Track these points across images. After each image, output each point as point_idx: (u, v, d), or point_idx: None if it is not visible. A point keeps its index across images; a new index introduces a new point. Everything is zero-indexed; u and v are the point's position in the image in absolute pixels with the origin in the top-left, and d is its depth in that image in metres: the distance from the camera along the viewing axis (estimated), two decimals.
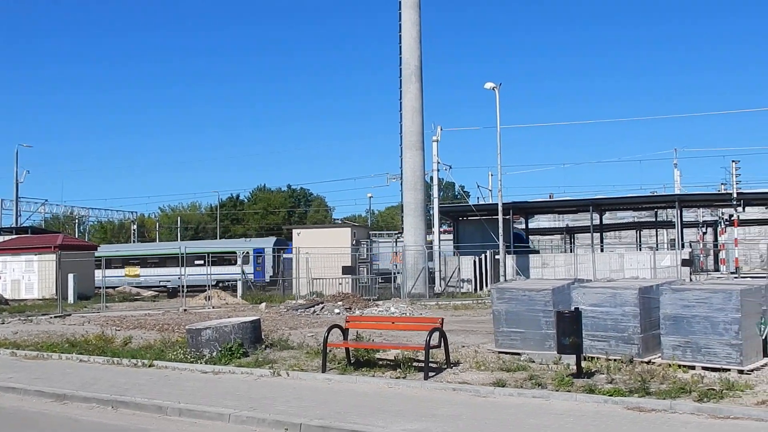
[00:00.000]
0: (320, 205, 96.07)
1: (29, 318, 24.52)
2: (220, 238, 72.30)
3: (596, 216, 45.52)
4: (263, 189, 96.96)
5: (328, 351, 12.61)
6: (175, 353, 14.19)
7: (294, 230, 36.22)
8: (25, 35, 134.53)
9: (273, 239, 48.76)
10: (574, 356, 10.94)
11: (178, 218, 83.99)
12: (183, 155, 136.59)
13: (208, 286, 33.13)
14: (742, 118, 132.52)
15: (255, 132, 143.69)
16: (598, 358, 11.79)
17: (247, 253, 44.36)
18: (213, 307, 28.41)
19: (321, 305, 25.76)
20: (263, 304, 28.04)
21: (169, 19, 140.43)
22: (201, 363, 13.41)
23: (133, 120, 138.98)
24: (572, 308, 11.57)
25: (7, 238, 42.83)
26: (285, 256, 37.12)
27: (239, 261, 43.33)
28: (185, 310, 27.34)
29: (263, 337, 14.86)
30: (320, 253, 31.43)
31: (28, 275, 36.18)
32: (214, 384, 11.82)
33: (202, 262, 36.43)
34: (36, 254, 35.77)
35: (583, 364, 11.10)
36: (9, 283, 35.34)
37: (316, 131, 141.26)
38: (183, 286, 31.80)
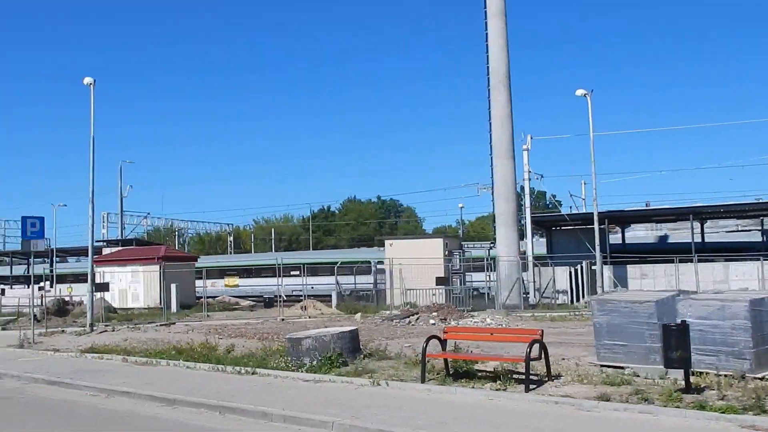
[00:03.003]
0: (410, 216, 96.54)
1: (137, 326, 25.69)
2: (313, 249, 73.60)
3: (696, 225, 43.88)
4: (353, 200, 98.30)
5: (426, 361, 12.66)
6: (276, 362, 14.57)
7: (386, 241, 36.32)
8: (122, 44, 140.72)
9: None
10: (682, 371, 10.60)
11: (272, 230, 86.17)
12: (274, 164, 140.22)
13: (304, 296, 33.81)
14: None
15: (344, 141, 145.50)
16: (706, 374, 11.36)
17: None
18: (309, 317, 28.95)
19: (416, 316, 25.80)
20: (358, 315, 28.36)
21: (260, 26, 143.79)
22: (302, 371, 13.70)
23: (225, 128, 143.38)
24: (678, 321, 11.22)
25: (113, 249, 44.98)
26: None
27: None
28: (282, 319, 27.98)
29: (361, 346, 15.05)
30: (413, 264, 31.48)
31: (134, 285, 37.89)
32: (316, 392, 12.05)
33: (297, 272, 36.98)
34: (141, 265, 37.39)
35: (691, 379, 10.74)
36: (117, 292, 36.98)
37: (405, 140, 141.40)
38: (281, 296, 32.61)
